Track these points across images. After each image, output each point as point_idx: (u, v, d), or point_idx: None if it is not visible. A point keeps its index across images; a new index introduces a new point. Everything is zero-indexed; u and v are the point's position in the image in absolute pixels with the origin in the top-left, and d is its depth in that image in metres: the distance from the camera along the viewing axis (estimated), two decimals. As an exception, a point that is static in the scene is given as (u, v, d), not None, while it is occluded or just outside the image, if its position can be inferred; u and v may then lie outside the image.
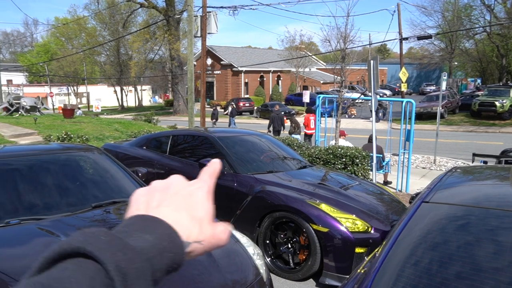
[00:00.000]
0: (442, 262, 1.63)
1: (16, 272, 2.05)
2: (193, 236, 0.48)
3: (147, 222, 0.45)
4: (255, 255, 2.93)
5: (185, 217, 0.48)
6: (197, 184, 0.54)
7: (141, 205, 0.49)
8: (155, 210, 0.48)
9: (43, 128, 13.89)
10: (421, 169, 10.84)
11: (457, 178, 2.37)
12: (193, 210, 0.50)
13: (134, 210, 0.49)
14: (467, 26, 37.33)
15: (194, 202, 0.51)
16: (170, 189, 0.52)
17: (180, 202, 0.50)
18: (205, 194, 0.52)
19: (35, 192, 3.08)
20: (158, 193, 0.51)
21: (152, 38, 35.55)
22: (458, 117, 25.61)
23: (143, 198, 0.51)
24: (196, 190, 0.52)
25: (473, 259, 1.63)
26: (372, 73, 7.62)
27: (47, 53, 52.76)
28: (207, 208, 0.52)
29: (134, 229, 0.43)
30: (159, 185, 0.53)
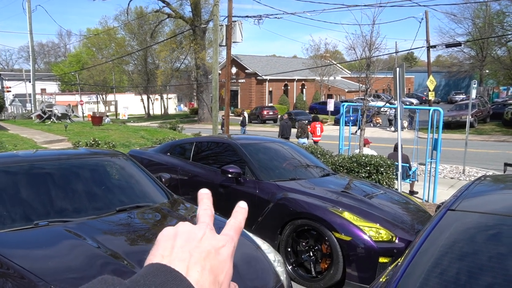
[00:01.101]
0: (468, 272, 1.57)
1: (43, 272, 2.12)
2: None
3: (168, 276, 0.41)
4: (276, 262, 2.91)
5: (208, 279, 0.44)
6: (224, 241, 0.49)
7: (166, 251, 0.45)
8: (180, 263, 0.44)
9: (72, 135, 14.36)
10: (449, 179, 10.52)
11: (486, 186, 2.29)
12: (217, 272, 0.46)
13: (159, 255, 0.45)
14: (499, 33, 36.20)
15: (219, 263, 0.46)
16: (200, 242, 0.47)
17: (206, 261, 0.45)
18: (230, 254, 0.48)
19: (62, 195, 3.18)
20: (185, 242, 0.47)
21: (179, 48, 36.31)
22: (489, 126, 24.78)
23: (169, 242, 0.47)
24: (223, 248, 0.48)
25: (502, 271, 1.56)
26: (398, 81, 7.49)
27: (79, 62, 54.73)
28: (229, 271, 0.48)
29: (154, 283, 0.40)
30: (188, 231, 0.48)
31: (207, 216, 0.52)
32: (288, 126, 15.36)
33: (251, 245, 3.06)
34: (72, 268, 2.23)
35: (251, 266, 2.82)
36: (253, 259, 2.90)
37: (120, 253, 2.40)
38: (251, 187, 4.77)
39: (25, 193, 3.05)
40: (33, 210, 2.93)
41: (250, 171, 4.93)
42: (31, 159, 3.38)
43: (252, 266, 2.83)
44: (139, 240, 2.76)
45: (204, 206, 0.54)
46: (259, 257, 2.93)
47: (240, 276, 2.62)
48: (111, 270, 2.24)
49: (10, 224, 2.70)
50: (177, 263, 0.44)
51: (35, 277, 2.06)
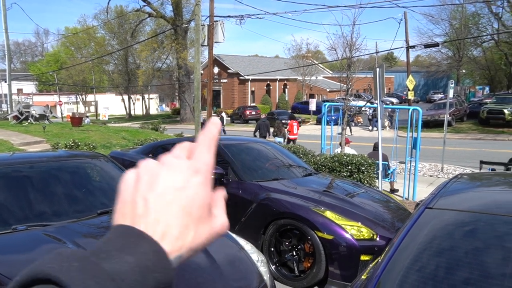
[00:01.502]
0: (445, 268, 1.62)
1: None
2: (186, 245, 0.41)
3: (129, 237, 0.39)
4: (259, 262, 2.93)
5: (177, 224, 0.41)
6: (192, 167, 0.43)
7: (127, 208, 0.42)
8: (142, 218, 0.40)
9: (51, 136, 14.04)
10: (429, 177, 10.76)
11: (462, 184, 2.36)
12: (187, 211, 0.41)
13: (120, 216, 0.42)
14: (474, 34, 37.23)
15: (189, 199, 0.42)
16: (158, 182, 0.42)
17: (170, 202, 0.41)
18: (202, 181, 0.43)
19: (41, 199, 3.12)
20: (146, 189, 0.42)
21: (160, 47, 35.98)
22: (466, 125, 25.43)
23: (129, 195, 0.43)
24: (192, 179, 0.42)
25: (478, 266, 1.62)
26: (378, 81, 7.62)
27: (57, 62, 53.56)
28: (205, 202, 0.43)
29: (115, 248, 0.37)
30: (149, 173, 0.43)
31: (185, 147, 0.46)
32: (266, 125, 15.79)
33: (235, 246, 3.07)
34: None
35: (235, 267, 2.83)
36: (236, 259, 2.91)
37: None
38: (234, 188, 4.77)
39: (2, 197, 2.98)
40: (11, 214, 2.86)
41: (233, 171, 4.94)
42: (8, 162, 3.30)
43: (236, 266, 2.84)
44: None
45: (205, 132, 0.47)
46: (242, 257, 2.95)
47: (224, 277, 2.63)
48: None
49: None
50: (138, 221, 0.41)
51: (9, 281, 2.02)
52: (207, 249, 2.80)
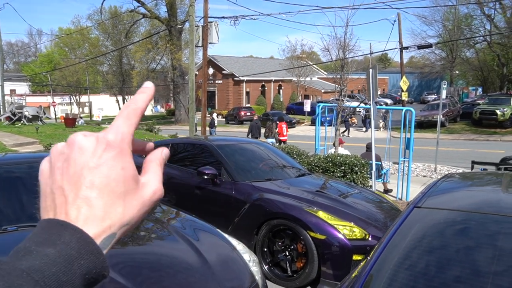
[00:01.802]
0: (433, 266, 1.64)
1: None
2: (117, 223, 0.39)
3: (51, 230, 0.37)
4: (251, 262, 2.94)
5: (99, 204, 0.39)
6: (103, 141, 0.41)
7: (48, 200, 0.40)
8: (62, 207, 0.39)
9: (44, 137, 13.96)
10: (422, 177, 10.83)
11: (451, 184, 2.39)
12: (108, 190, 0.39)
13: (44, 211, 0.40)
14: (467, 35, 37.55)
15: (106, 176, 0.39)
16: (70, 167, 0.39)
17: (87, 185, 0.39)
18: (117, 153, 0.41)
19: (33, 200, 3.11)
20: (59, 177, 0.40)
21: (154, 48, 35.87)
22: (459, 125, 25.63)
23: (47, 185, 0.41)
24: (104, 154, 0.40)
25: (465, 264, 1.64)
26: (371, 82, 7.66)
27: (51, 63, 53.24)
28: (127, 174, 0.41)
29: (35, 243, 0.36)
30: (59, 159, 0.41)
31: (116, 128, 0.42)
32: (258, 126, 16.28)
33: (227, 246, 3.08)
34: None
35: (227, 267, 2.83)
36: (229, 259, 2.92)
37: None
38: (227, 188, 4.78)
39: (-7, 198, 2.96)
40: (1, 215, 2.85)
41: (226, 172, 4.95)
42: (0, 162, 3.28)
43: (228, 266, 2.85)
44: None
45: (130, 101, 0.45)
46: (234, 257, 2.95)
47: (216, 277, 2.63)
48: None
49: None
50: (60, 210, 0.39)
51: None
52: (199, 249, 2.80)
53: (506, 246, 1.67)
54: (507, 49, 33.71)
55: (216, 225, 3.44)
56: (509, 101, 23.85)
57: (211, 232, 3.24)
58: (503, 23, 35.05)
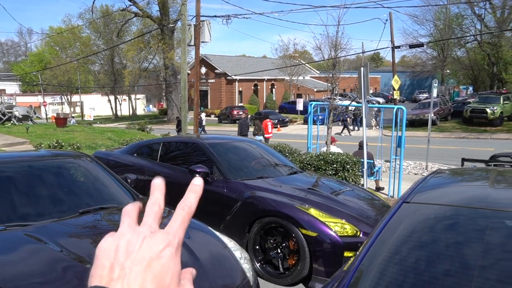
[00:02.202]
0: (421, 260, 1.66)
1: (2, 279, 2.05)
2: None
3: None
4: (242, 259, 2.94)
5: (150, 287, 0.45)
6: (165, 239, 0.48)
7: (105, 270, 0.46)
8: (120, 281, 0.44)
9: (35, 137, 13.83)
10: (413, 175, 10.91)
11: (439, 179, 2.41)
12: (161, 277, 0.46)
13: (97, 276, 0.46)
14: (458, 34, 37.89)
15: (163, 267, 0.46)
16: (139, 251, 0.46)
17: (147, 271, 0.45)
18: (173, 253, 0.48)
19: (22, 198, 3.08)
20: (124, 256, 0.46)
21: (146, 47, 35.69)
22: (450, 124, 25.86)
23: (107, 260, 0.47)
24: (164, 251, 0.47)
25: (453, 257, 1.66)
26: (363, 80, 7.70)
27: (41, 62, 52.68)
28: (175, 271, 0.47)
29: None
30: (127, 242, 0.48)
31: (152, 215, 0.50)
32: (246, 124, 16.65)
33: (219, 244, 3.08)
34: (34, 273, 2.16)
35: (219, 264, 2.84)
36: (221, 257, 2.92)
37: (85, 256, 2.35)
38: (219, 187, 4.78)
39: (-19, 197, 2.93)
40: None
41: (218, 170, 4.94)
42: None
43: (221, 264, 2.85)
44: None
45: (153, 200, 0.52)
46: (226, 255, 2.95)
47: (208, 274, 2.63)
48: (76, 274, 2.20)
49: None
50: (115, 283, 0.44)
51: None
52: (191, 247, 2.80)
53: (493, 240, 1.70)
54: (497, 49, 34.08)
55: (208, 223, 3.44)
56: (499, 99, 24.11)
57: (202, 230, 3.23)
58: (493, 23, 35.43)
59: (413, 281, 1.53)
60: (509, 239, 1.70)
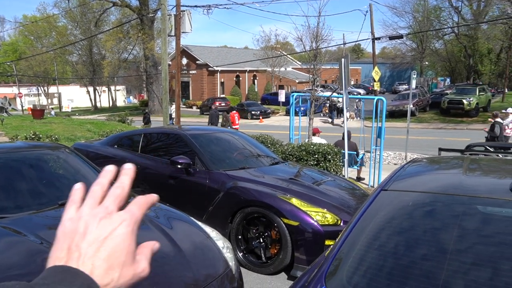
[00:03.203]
0: (399, 246, 1.71)
1: None
2: (112, 283, 0.48)
3: (66, 274, 0.45)
4: (225, 249, 2.97)
5: (103, 267, 0.48)
6: (120, 219, 0.51)
7: (62, 252, 0.49)
8: (75, 260, 0.48)
9: (10, 129, 13.45)
10: (393, 165, 11.13)
11: (417, 167, 2.47)
12: (115, 256, 0.49)
13: (55, 257, 0.49)
14: (436, 27, 38.54)
15: (116, 246, 0.49)
16: (90, 232, 0.49)
17: (101, 250, 0.48)
18: (128, 231, 0.50)
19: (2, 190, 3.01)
20: (78, 237, 0.49)
21: (126, 37, 34.98)
22: (428, 114, 26.40)
23: (66, 243, 0.49)
24: (118, 229, 0.50)
25: (429, 242, 1.71)
26: (344, 71, 7.76)
27: (15, 52, 51.02)
28: (129, 249, 0.50)
29: (53, 282, 0.43)
30: (84, 224, 0.50)
31: (112, 196, 0.52)
32: (216, 115, 17.46)
33: (201, 234, 3.09)
34: (14, 265, 2.13)
35: (202, 254, 2.85)
36: (204, 247, 2.93)
37: None
38: (201, 177, 4.77)
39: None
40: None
41: (200, 161, 4.93)
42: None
43: (204, 254, 2.86)
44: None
45: (118, 183, 0.54)
46: (209, 245, 2.97)
47: (191, 264, 2.64)
48: None
49: None
50: (71, 262, 0.47)
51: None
52: (173, 237, 2.80)
53: (467, 225, 1.76)
54: (473, 41, 34.86)
55: (191, 214, 3.44)
56: (475, 91, 24.72)
57: (184, 221, 3.24)
58: (470, 15, 36.18)
59: (391, 265, 1.58)
60: (481, 223, 1.77)
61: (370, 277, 1.51)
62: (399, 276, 1.51)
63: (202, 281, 2.61)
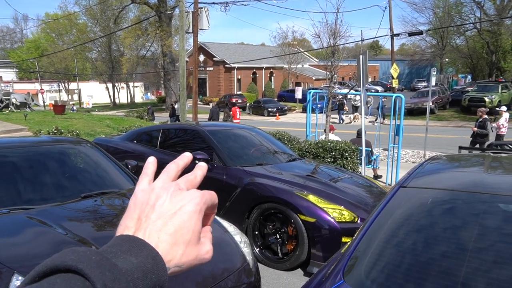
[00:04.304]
0: (417, 243, 1.71)
1: (7, 259, 2.09)
2: (174, 260, 0.48)
3: (132, 243, 0.46)
4: (242, 243, 3.00)
5: (169, 241, 0.48)
6: (190, 197, 0.52)
7: (131, 221, 0.50)
8: (142, 231, 0.49)
9: (33, 124, 13.81)
10: (411, 164, 10.98)
11: (436, 165, 2.45)
12: (181, 233, 0.49)
13: (124, 225, 0.50)
14: (457, 22, 37.66)
15: (182, 223, 0.50)
16: (161, 205, 0.50)
17: (169, 225, 0.49)
18: (196, 210, 0.51)
19: (24, 183, 3.11)
20: (148, 208, 0.50)
21: (144, 34, 35.40)
22: (448, 112, 25.88)
23: (136, 213, 0.51)
24: (187, 205, 0.51)
25: (449, 240, 1.70)
26: (362, 68, 7.70)
27: (38, 49, 52.19)
28: (196, 228, 0.50)
29: (121, 251, 0.44)
30: (153, 197, 0.51)
31: (185, 178, 0.54)
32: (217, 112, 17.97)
33: (219, 229, 3.13)
34: (39, 254, 2.21)
35: (219, 248, 2.89)
36: (221, 241, 2.97)
37: (88, 239, 2.41)
38: (219, 173, 4.82)
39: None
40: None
41: (218, 157, 4.98)
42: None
43: (222, 248, 2.90)
44: (106, 225, 2.77)
45: (191, 173, 0.56)
46: (226, 239, 3.01)
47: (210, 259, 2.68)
48: None
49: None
50: (139, 232, 0.48)
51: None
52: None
53: (488, 223, 1.75)
54: (496, 37, 33.92)
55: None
56: (498, 88, 24.11)
57: (203, 215, 3.28)
58: (493, 10, 35.21)
59: (410, 262, 1.58)
60: (503, 222, 1.75)
61: (389, 272, 1.52)
62: (418, 273, 1.51)
63: (219, 274, 2.65)
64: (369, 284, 1.47)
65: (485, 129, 10.39)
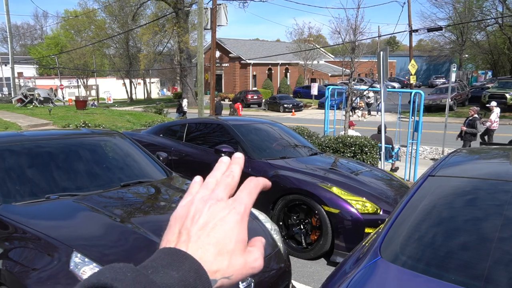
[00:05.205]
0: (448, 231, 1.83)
1: (64, 238, 2.30)
2: (221, 272, 0.47)
3: (174, 257, 0.45)
4: (272, 231, 3.16)
5: (212, 251, 0.47)
6: (229, 207, 0.50)
7: (173, 236, 0.49)
8: (185, 244, 0.47)
9: (57, 119, 14.23)
10: (429, 160, 10.98)
11: (461, 157, 2.56)
12: (223, 243, 0.47)
13: (166, 240, 0.49)
14: (478, 17, 36.96)
15: (225, 233, 0.48)
16: (201, 217, 0.49)
17: (210, 236, 0.47)
18: (238, 219, 0.49)
19: (67, 172, 3.33)
20: (188, 221, 0.49)
21: (161, 31, 35.77)
22: (467, 109, 25.50)
23: (177, 227, 0.50)
24: (228, 216, 0.49)
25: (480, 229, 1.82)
26: (382, 65, 7.74)
27: (57, 45, 53.29)
28: (239, 237, 0.49)
29: (161, 265, 0.43)
30: (192, 209, 0.50)
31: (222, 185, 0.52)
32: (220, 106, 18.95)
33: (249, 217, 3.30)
34: (92, 235, 2.41)
35: (250, 236, 3.04)
36: (251, 229, 3.12)
37: (135, 222, 2.60)
38: (244, 166, 4.98)
39: (32, 170, 3.19)
40: (40, 186, 3.07)
41: (243, 150, 5.14)
42: (36, 138, 3.50)
43: (251, 235, 3.05)
44: (148, 210, 2.96)
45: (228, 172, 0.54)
46: (255, 227, 3.17)
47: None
48: (129, 237, 2.43)
49: (21, 198, 2.84)
50: (181, 245, 0.47)
51: (58, 242, 2.24)
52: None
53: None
54: (519, 32, 33.21)
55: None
56: (519, 85, 23.66)
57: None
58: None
59: (441, 240, 1.71)
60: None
61: (423, 249, 1.65)
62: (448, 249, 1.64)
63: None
64: (404, 259, 1.61)
65: (475, 128, 10.31)
